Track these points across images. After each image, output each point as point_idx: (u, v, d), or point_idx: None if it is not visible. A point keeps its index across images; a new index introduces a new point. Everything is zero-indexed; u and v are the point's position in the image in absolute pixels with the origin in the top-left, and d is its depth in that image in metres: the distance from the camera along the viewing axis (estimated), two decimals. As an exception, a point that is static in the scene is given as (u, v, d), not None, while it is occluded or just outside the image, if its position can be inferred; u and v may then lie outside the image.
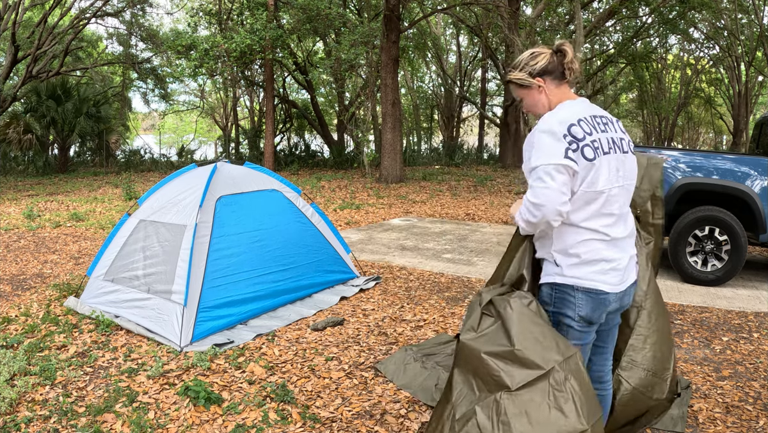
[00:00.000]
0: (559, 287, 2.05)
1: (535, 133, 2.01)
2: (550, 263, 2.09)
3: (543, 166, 1.96)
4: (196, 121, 33.00)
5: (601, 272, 2.01)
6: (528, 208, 1.99)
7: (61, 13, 18.15)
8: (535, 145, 2.00)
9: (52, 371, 3.55)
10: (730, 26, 18.22)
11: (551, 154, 1.95)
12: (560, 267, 2.04)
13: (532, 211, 1.98)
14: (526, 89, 2.14)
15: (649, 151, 6.03)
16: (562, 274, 2.04)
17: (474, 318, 2.12)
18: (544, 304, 2.10)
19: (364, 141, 17.69)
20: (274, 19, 15.58)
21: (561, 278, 2.04)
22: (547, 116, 2.03)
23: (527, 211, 2.00)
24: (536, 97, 2.14)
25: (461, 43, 25.48)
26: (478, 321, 2.11)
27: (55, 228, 8.91)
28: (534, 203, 1.96)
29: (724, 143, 29.52)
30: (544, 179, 1.95)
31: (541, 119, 2.05)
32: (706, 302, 5.20)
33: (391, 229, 8.74)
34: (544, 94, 2.12)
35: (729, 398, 3.30)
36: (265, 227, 4.89)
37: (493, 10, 14.76)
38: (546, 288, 2.09)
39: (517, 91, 2.17)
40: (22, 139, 18.22)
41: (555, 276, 2.06)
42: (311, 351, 3.96)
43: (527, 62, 2.13)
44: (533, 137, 2.02)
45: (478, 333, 2.08)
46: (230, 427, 2.96)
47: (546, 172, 1.95)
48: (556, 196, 1.94)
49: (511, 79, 2.18)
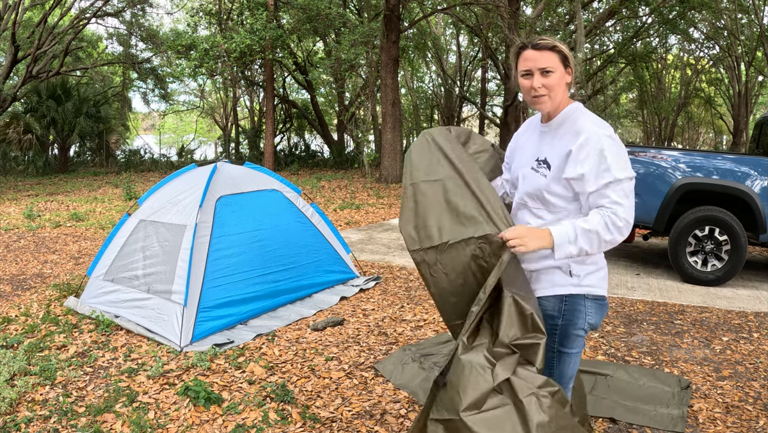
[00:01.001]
0: (570, 298, 1.91)
1: (601, 138, 1.82)
2: (560, 274, 1.91)
3: (628, 180, 1.80)
4: (196, 121, 32.98)
5: (605, 278, 1.97)
6: (619, 229, 1.78)
7: (61, 13, 18.15)
8: (607, 153, 1.80)
9: (52, 371, 3.55)
10: (730, 26, 18.21)
11: (629, 165, 1.82)
12: (577, 277, 1.90)
13: (623, 231, 1.80)
14: (563, 66, 1.90)
15: (649, 151, 6.03)
16: (579, 284, 1.90)
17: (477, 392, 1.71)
18: (549, 318, 1.92)
19: (364, 141, 17.70)
20: (274, 19, 15.58)
21: (576, 288, 1.90)
22: (595, 119, 1.88)
23: (616, 232, 1.79)
24: (563, 83, 1.92)
25: (461, 43, 25.47)
26: (484, 398, 1.71)
27: (55, 228, 8.91)
28: (628, 224, 1.79)
29: (724, 143, 29.51)
30: (630, 196, 1.80)
31: (592, 122, 1.86)
32: (706, 302, 5.20)
33: (391, 229, 8.74)
34: (566, 87, 1.94)
35: (729, 398, 3.30)
36: (265, 226, 4.89)
37: (493, 10, 14.75)
38: (553, 301, 1.92)
39: (554, 61, 1.88)
40: (22, 139, 18.22)
41: (569, 287, 1.90)
42: (311, 351, 3.96)
43: (567, 47, 1.93)
44: (599, 142, 1.81)
45: (480, 411, 1.70)
46: (230, 427, 2.96)
47: (632, 189, 1.81)
48: None
49: (557, 46, 1.90)
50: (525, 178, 2.01)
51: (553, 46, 1.88)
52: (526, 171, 2.01)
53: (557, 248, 1.80)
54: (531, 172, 1.98)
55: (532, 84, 1.89)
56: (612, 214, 1.78)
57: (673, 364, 3.80)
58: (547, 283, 1.93)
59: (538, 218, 1.96)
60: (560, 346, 1.94)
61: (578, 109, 1.93)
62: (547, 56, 1.87)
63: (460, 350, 1.77)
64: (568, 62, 1.90)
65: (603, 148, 1.81)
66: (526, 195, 1.98)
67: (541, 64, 1.87)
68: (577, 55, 13.45)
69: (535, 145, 2.02)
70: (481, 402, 1.68)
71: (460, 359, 1.76)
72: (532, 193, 1.95)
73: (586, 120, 1.88)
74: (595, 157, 1.81)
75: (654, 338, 4.27)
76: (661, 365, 3.80)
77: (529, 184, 1.97)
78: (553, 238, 1.80)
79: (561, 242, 1.79)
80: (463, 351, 1.77)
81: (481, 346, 1.77)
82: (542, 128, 2.01)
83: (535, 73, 1.89)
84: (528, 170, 2.00)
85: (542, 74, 1.88)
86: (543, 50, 1.88)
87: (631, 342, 4.19)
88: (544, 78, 1.88)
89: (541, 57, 1.87)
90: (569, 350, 1.94)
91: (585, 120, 1.88)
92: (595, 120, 1.88)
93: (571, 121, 1.91)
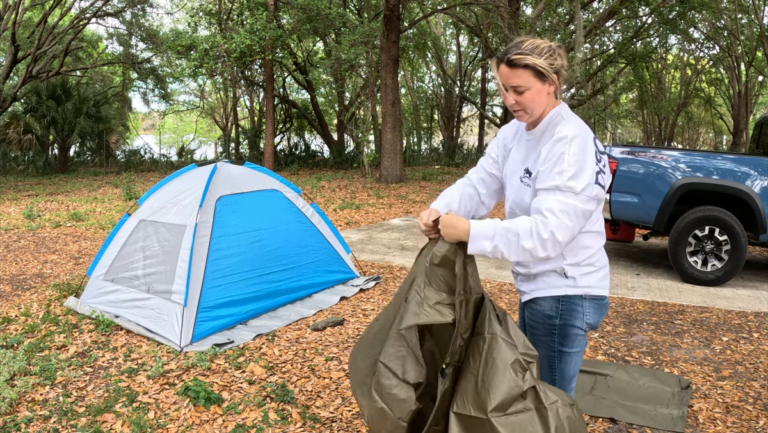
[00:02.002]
0: (567, 298, 1.90)
1: (568, 142, 1.75)
2: (555, 276, 1.90)
3: (575, 194, 1.71)
4: (196, 121, 32.98)
5: (605, 277, 1.95)
6: (542, 241, 1.70)
7: (61, 13, 18.15)
8: (567, 156, 1.73)
9: (52, 371, 3.55)
10: (730, 26, 18.22)
11: (587, 180, 1.71)
12: (572, 278, 1.88)
13: (547, 246, 1.72)
14: (539, 82, 1.80)
15: (649, 151, 6.03)
16: (575, 285, 1.88)
17: (508, 395, 1.71)
18: (548, 318, 1.92)
19: (364, 141, 17.69)
20: (274, 19, 15.58)
21: (572, 290, 1.88)
22: (575, 124, 1.80)
23: (538, 242, 1.70)
24: (542, 96, 1.83)
25: (461, 43, 25.48)
26: (511, 401, 1.71)
27: (55, 228, 8.91)
28: (556, 241, 1.71)
29: (724, 143, 29.52)
30: (572, 216, 1.71)
31: (570, 127, 1.80)
32: (706, 302, 5.20)
33: (391, 229, 8.74)
34: (548, 96, 1.85)
35: (729, 398, 3.30)
36: (265, 226, 4.89)
37: (493, 10, 14.76)
38: (550, 301, 1.91)
39: (527, 79, 1.79)
40: (22, 139, 18.22)
41: (565, 288, 1.89)
42: (311, 351, 3.96)
43: (551, 53, 1.80)
44: (563, 145, 1.75)
45: (506, 414, 1.71)
46: (230, 427, 2.96)
47: (579, 209, 1.71)
48: (578, 230, 1.74)
49: (530, 63, 1.77)
50: (513, 189, 1.98)
51: (525, 64, 1.77)
52: (514, 181, 1.98)
53: (471, 240, 1.75)
54: (518, 183, 1.95)
55: (505, 100, 1.86)
56: (541, 222, 1.70)
57: (673, 364, 3.81)
58: (543, 284, 1.93)
59: None
60: (560, 346, 1.94)
61: (559, 114, 1.87)
62: (519, 74, 1.78)
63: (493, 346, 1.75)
64: (545, 76, 1.80)
65: (564, 151, 1.74)
66: (515, 205, 1.97)
67: (513, 82, 1.80)
68: (576, 55, 13.45)
69: (523, 153, 1.99)
70: (508, 405, 1.69)
71: (494, 358, 1.74)
72: (519, 203, 1.94)
73: (564, 125, 1.83)
74: (554, 158, 1.75)
75: (654, 338, 4.27)
76: (661, 365, 3.80)
77: (517, 194, 1.95)
78: (469, 230, 1.76)
79: (476, 235, 1.75)
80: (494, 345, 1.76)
81: (513, 346, 1.76)
82: (527, 136, 1.97)
83: (509, 90, 1.83)
84: (516, 180, 1.97)
85: (515, 92, 1.82)
86: (516, 68, 1.78)
87: (631, 342, 4.19)
88: (517, 96, 1.82)
89: (513, 75, 1.79)
90: (569, 349, 1.94)
91: (563, 125, 1.83)
92: (573, 125, 1.81)
93: (551, 127, 1.87)
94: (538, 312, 1.95)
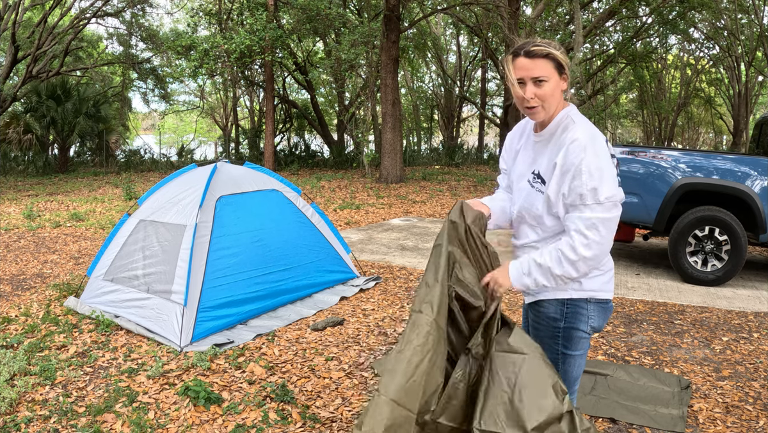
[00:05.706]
0: (572, 301, 1.90)
1: (582, 152, 1.73)
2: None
3: (599, 205, 1.71)
4: (196, 121, 32.96)
5: (610, 281, 1.94)
6: (572, 264, 1.74)
7: (61, 13, 18.15)
8: (584, 168, 1.72)
9: (52, 371, 3.55)
10: (730, 26, 18.21)
11: (609, 188, 1.70)
12: (578, 282, 1.88)
13: (578, 266, 1.75)
14: (557, 74, 1.81)
15: (649, 151, 6.03)
16: (580, 289, 1.88)
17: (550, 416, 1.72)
18: (552, 321, 1.93)
19: (364, 141, 17.68)
20: (274, 19, 15.57)
21: (578, 293, 1.89)
22: (585, 128, 1.80)
23: (569, 266, 1.75)
24: (558, 91, 1.82)
25: (461, 43, 25.48)
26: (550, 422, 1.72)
27: (55, 228, 8.91)
28: (586, 259, 1.74)
29: (724, 143, 29.51)
30: (600, 228, 1.72)
31: (581, 132, 1.78)
32: (706, 302, 5.20)
33: (391, 229, 8.74)
34: (561, 94, 1.85)
35: (729, 398, 3.30)
36: (265, 226, 4.89)
37: (493, 10, 14.75)
38: (555, 304, 1.91)
39: (548, 70, 1.79)
40: (22, 139, 18.21)
41: (571, 291, 1.89)
42: (311, 351, 3.96)
43: (562, 50, 1.81)
44: (578, 156, 1.73)
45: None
46: (230, 427, 2.96)
47: (606, 218, 1.71)
48: (609, 246, 1.75)
49: (552, 53, 1.78)
50: (521, 192, 1.97)
51: (546, 54, 1.78)
52: (522, 184, 1.97)
53: (514, 281, 1.86)
54: (528, 188, 1.93)
55: (524, 94, 1.81)
56: (568, 246, 1.75)
57: (673, 364, 3.80)
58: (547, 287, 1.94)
59: (536, 234, 1.94)
60: (564, 348, 1.94)
61: (569, 116, 1.86)
62: (540, 65, 1.78)
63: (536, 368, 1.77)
64: (563, 69, 1.81)
65: (581, 161, 1.73)
66: (524, 210, 1.95)
67: (534, 73, 1.78)
68: (576, 55, 13.44)
69: (530, 156, 1.97)
70: (545, 426, 1.69)
71: (535, 378, 1.75)
72: (529, 209, 1.92)
73: (575, 129, 1.81)
74: (572, 170, 1.75)
75: (654, 338, 4.27)
76: (661, 365, 3.80)
77: (526, 199, 1.93)
78: (509, 275, 1.86)
79: (516, 275, 1.85)
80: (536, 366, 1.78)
81: (551, 367, 1.80)
82: (535, 138, 1.95)
83: (527, 83, 1.80)
84: (524, 184, 1.95)
85: (535, 84, 1.80)
86: (536, 58, 1.78)
87: (631, 342, 4.19)
88: (537, 88, 1.80)
89: (535, 66, 1.78)
90: (573, 352, 1.94)
91: (574, 129, 1.81)
92: (585, 129, 1.80)
93: (561, 130, 1.85)
94: (543, 314, 1.94)
